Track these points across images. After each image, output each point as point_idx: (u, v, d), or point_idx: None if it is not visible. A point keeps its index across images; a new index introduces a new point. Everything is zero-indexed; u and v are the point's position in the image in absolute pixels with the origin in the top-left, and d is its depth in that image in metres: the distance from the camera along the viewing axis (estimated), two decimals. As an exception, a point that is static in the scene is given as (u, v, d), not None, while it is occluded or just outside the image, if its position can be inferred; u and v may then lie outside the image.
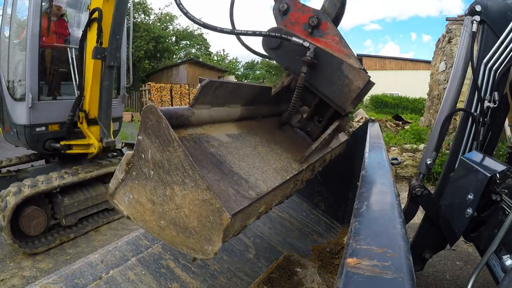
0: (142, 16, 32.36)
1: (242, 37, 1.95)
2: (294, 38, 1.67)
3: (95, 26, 4.57)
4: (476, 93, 2.61)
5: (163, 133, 0.97)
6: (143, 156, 1.02)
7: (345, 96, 1.67)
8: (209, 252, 0.97)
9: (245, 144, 1.50)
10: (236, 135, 1.51)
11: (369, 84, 1.79)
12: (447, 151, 3.47)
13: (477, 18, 2.53)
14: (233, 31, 1.78)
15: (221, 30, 1.77)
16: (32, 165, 5.79)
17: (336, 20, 1.93)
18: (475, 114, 2.62)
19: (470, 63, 2.61)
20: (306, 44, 1.65)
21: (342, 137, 2.70)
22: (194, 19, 1.74)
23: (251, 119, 1.76)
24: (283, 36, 1.70)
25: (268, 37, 1.79)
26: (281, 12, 1.83)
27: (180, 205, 0.98)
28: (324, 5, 1.87)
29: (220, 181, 1.11)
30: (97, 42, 4.52)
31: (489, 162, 2.17)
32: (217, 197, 0.94)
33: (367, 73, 1.68)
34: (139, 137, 1.02)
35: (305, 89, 1.76)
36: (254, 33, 1.78)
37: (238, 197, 1.10)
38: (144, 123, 1.00)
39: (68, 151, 5.11)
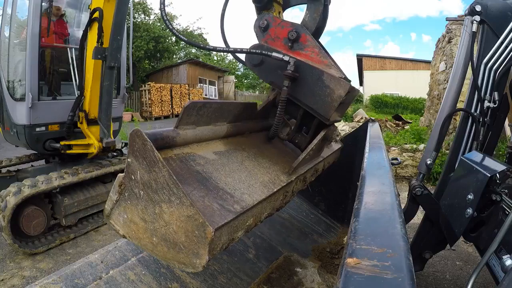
0: (142, 16, 32.37)
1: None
2: (274, 54, 1.70)
3: (95, 26, 4.56)
4: (476, 93, 2.61)
5: (149, 155, 1.03)
6: (133, 177, 1.08)
7: (327, 106, 1.69)
8: (197, 266, 1.02)
9: (231, 160, 1.53)
10: (223, 151, 1.55)
11: (353, 92, 1.81)
12: (447, 151, 3.47)
13: (477, 18, 2.53)
14: (215, 48, 1.84)
15: (204, 47, 1.87)
16: (32, 165, 5.80)
17: (317, 33, 1.97)
18: (475, 114, 2.62)
19: (470, 63, 2.61)
20: (286, 58, 1.68)
21: (335, 146, 2.71)
22: (179, 35, 1.84)
23: (239, 135, 1.79)
24: (263, 52, 1.73)
25: (250, 54, 1.82)
26: (261, 29, 1.86)
27: (168, 222, 1.04)
28: (305, 18, 1.92)
29: (205, 197, 1.16)
30: (97, 42, 4.52)
31: (489, 162, 2.16)
32: (200, 212, 0.99)
33: (349, 81, 1.70)
34: (128, 159, 1.08)
35: (289, 102, 1.78)
36: (235, 50, 1.83)
37: (223, 211, 1.15)
38: (132, 146, 1.06)
39: (68, 151, 5.11)
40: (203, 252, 1.01)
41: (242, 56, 1.99)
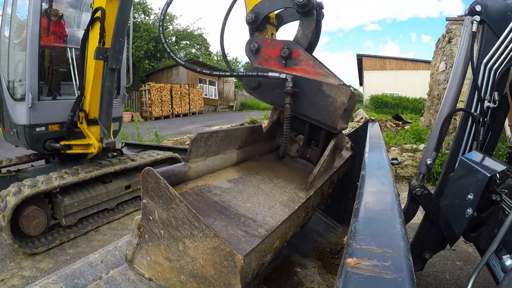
0: (142, 16, 32.37)
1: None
2: (270, 73, 1.71)
3: (97, 25, 4.56)
4: (476, 93, 2.61)
5: (164, 193, 1.02)
6: (151, 218, 1.06)
7: (332, 115, 1.69)
8: None
9: (247, 185, 1.53)
10: (237, 178, 1.55)
11: (354, 98, 1.81)
12: (447, 151, 3.47)
13: (477, 18, 2.53)
14: (211, 73, 1.89)
15: (201, 71, 1.96)
16: (32, 165, 5.80)
17: (309, 49, 1.97)
18: (475, 114, 2.62)
19: (470, 63, 2.61)
20: (283, 76, 1.69)
21: (346, 154, 2.71)
22: (178, 60, 1.95)
23: (250, 160, 1.79)
24: (259, 74, 1.74)
25: (247, 78, 1.84)
26: (253, 52, 1.88)
27: (194, 257, 1.01)
28: (297, 35, 1.92)
29: (228, 226, 1.14)
30: (99, 42, 4.51)
31: (489, 162, 2.16)
32: (226, 242, 0.97)
33: (349, 87, 1.71)
34: (143, 201, 1.06)
35: (294, 118, 1.78)
36: (231, 75, 1.88)
37: (248, 237, 1.13)
38: (145, 187, 1.05)
39: (68, 151, 5.11)
40: (235, 282, 0.98)
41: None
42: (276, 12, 2.11)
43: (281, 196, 1.56)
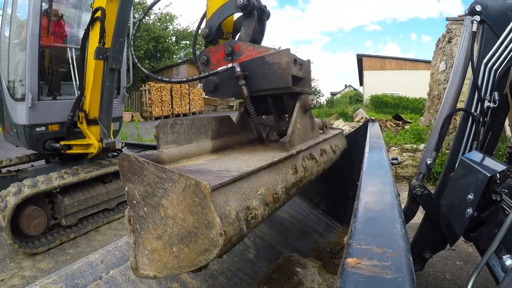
0: (141, 14, 32.34)
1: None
2: (219, 68, 1.86)
3: (97, 25, 4.56)
4: (476, 93, 2.60)
5: (136, 166, 1.06)
6: (134, 201, 1.08)
7: (283, 76, 1.78)
8: (214, 238, 0.97)
9: (225, 158, 1.56)
10: (215, 158, 1.58)
11: (305, 64, 2.03)
12: (447, 151, 3.47)
13: (477, 18, 2.53)
14: (170, 80, 2.12)
15: (161, 80, 2.23)
16: (32, 165, 5.80)
17: (254, 42, 2.10)
18: (475, 114, 2.62)
19: (470, 63, 2.61)
20: (230, 65, 1.84)
21: (333, 131, 2.76)
22: (146, 72, 2.20)
23: (229, 148, 1.86)
24: (210, 72, 1.89)
25: (205, 83, 2.00)
26: (205, 64, 2.04)
27: (174, 215, 1.02)
28: (240, 34, 2.12)
29: (198, 175, 1.15)
30: (99, 42, 4.51)
31: (489, 162, 2.16)
32: (191, 177, 0.97)
33: (287, 49, 1.81)
34: (125, 189, 1.09)
35: (256, 101, 1.89)
36: (187, 80, 2.08)
37: (218, 179, 1.13)
38: (123, 173, 1.08)
39: (68, 151, 5.11)
40: (211, 216, 0.96)
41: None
42: (230, 24, 2.30)
43: (260, 157, 1.57)
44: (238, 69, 1.81)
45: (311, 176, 1.92)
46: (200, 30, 2.22)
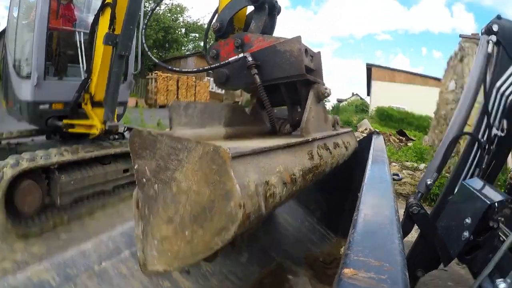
0: (153, 5, 32.38)
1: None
2: (231, 59, 1.86)
3: (108, 11, 4.54)
4: (485, 118, 2.56)
5: (148, 140, 1.02)
6: (144, 179, 1.03)
7: (295, 64, 1.78)
8: (233, 210, 0.88)
9: (240, 142, 1.52)
10: (230, 142, 1.56)
11: (316, 55, 2.05)
12: (447, 174, 3.46)
13: (494, 38, 2.44)
14: (180, 70, 2.25)
15: (171, 70, 2.25)
16: (32, 140, 5.79)
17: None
18: (482, 140, 2.58)
19: (482, 86, 2.57)
20: (241, 55, 1.84)
21: (344, 129, 2.83)
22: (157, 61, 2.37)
23: (242, 137, 1.83)
24: (222, 63, 1.90)
25: (216, 75, 2.01)
26: (214, 58, 2.06)
27: (188, 188, 0.95)
28: (251, 27, 2.13)
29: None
30: (109, 28, 4.50)
31: (490, 191, 2.18)
32: (210, 143, 0.92)
33: (298, 36, 1.81)
34: (135, 167, 1.04)
35: (269, 90, 1.88)
36: (198, 70, 2.06)
37: (237, 149, 1.06)
38: (133, 150, 1.04)
39: (70, 130, 5.12)
40: (230, 185, 0.88)
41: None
42: (242, 19, 2.31)
43: (275, 141, 1.54)
44: (250, 58, 1.80)
45: (326, 166, 1.89)
46: (211, 24, 2.22)
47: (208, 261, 1.05)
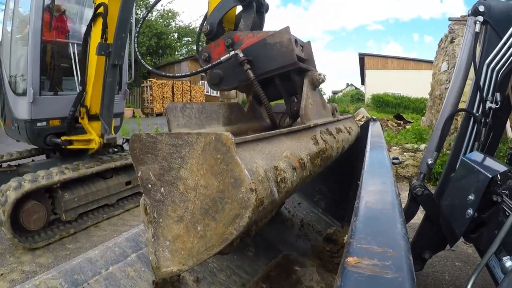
0: (144, 12, 32.30)
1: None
2: (222, 58, 1.86)
3: (100, 21, 4.54)
4: (478, 93, 2.60)
5: (147, 143, 0.99)
6: (149, 185, 1.00)
7: (286, 53, 1.80)
8: (243, 197, 0.85)
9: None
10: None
11: (307, 45, 2.08)
12: (448, 152, 3.47)
13: (480, 18, 2.52)
14: (174, 75, 2.23)
15: (165, 76, 2.24)
16: (33, 160, 5.80)
17: None
18: (477, 114, 2.62)
19: (472, 64, 2.60)
20: (232, 52, 1.84)
21: (344, 116, 2.79)
22: (150, 68, 2.24)
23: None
24: (213, 64, 1.89)
25: (210, 76, 2.00)
26: (206, 61, 2.05)
27: (195, 184, 0.93)
28: (240, 26, 2.13)
29: None
30: (101, 38, 4.50)
31: (490, 163, 2.16)
32: (210, 132, 0.90)
33: (286, 27, 1.82)
34: (139, 174, 1.02)
35: (264, 85, 1.88)
36: (190, 73, 2.11)
37: (239, 138, 1.03)
38: (134, 156, 1.02)
39: (68, 147, 5.12)
40: (238, 171, 0.85)
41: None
42: (232, 21, 2.31)
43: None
44: (241, 54, 1.81)
45: (332, 151, 1.88)
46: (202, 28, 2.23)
47: (224, 254, 1.01)
